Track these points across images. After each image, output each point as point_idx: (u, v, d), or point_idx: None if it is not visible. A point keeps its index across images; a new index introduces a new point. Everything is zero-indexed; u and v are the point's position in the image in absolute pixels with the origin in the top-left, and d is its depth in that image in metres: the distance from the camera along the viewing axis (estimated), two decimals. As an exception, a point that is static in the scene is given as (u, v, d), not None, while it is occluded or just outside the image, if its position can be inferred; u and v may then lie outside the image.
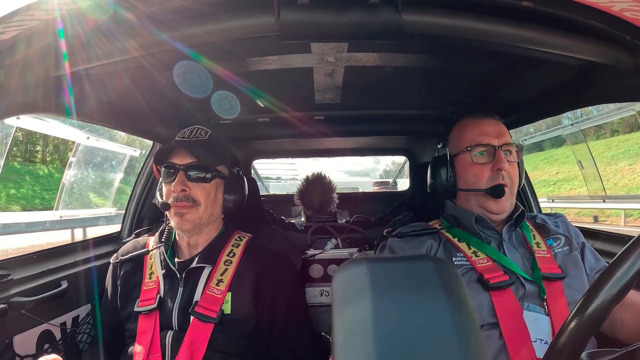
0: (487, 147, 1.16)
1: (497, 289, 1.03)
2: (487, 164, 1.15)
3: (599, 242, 1.50)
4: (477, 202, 1.18)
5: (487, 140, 1.16)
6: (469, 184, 1.18)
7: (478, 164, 1.16)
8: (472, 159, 1.17)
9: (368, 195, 3.63)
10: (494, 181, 1.14)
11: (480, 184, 1.15)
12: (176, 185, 1.21)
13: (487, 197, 1.15)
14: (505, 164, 1.13)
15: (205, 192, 1.24)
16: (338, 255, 1.92)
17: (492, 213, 1.16)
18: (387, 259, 0.34)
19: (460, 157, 1.20)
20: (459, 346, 0.27)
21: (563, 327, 0.58)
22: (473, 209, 1.19)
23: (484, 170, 1.15)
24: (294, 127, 1.99)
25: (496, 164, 1.14)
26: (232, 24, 0.81)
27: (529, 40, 0.87)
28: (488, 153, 1.16)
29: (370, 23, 0.77)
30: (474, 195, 1.18)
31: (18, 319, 1.20)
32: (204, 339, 1.15)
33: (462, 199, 1.23)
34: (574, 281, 1.07)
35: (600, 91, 1.16)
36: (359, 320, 0.29)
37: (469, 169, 1.17)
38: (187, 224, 1.22)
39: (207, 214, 1.25)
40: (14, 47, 0.79)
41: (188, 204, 1.22)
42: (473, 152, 1.17)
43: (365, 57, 1.28)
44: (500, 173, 1.13)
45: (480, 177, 1.15)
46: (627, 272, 0.56)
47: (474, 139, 1.18)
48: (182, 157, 1.24)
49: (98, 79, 1.15)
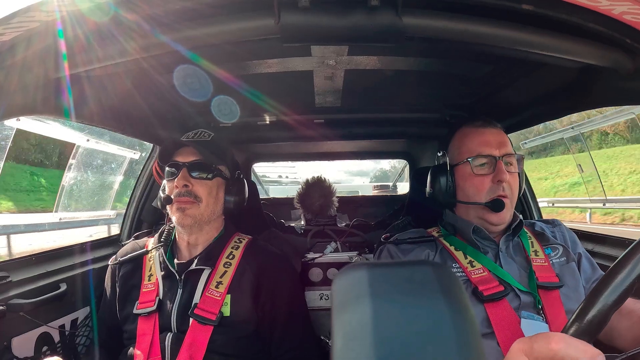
0: (488, 158, 1.14)
1: (491, 301, 1.02)
2: (488, 175, 1.14)
3: (599, 246, 1.50)
4: (476, 214, 1.17)
5: (488, 151, 1.14)
6: (469, 196, 1.16)
7: (478, 175, 1.14)
8: (472, 170, 1.15)
9: (368, 199, 3.63)
10: (493, 193, 1.12)
11: (480, 196, 1.14)
12: (179, 180, 1.24)
13: (486, 210, 1.13)
14: (506, 175, 1.11)
15: (207, 189, 1.27)
16: (338, 259, 1.91)
17: (491, 224, 1.15)
18: (387, 263, 0.34)
19: (461, 167, 1.18)
20: (459, 350, 0.27)
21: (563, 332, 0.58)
22: (472, 220, 1.18)
23: (484, 181, 1.14)
24: (294, 130, 1.99)
25: (497, 176, 1.12)
26: (232, 27, 0.81)
27: (528, 43, 0.88)
28: (489, 164, 1.14)
29: (370, 26, 0.77)
30: (473, 207, 1.17)
31: (16, 321, 1.20)
32: (203, 341, 1.15)
33: (462, 210, 1.22)
34: (571, 291, 1.07)
35: (600, 94, 1.15)
36: (358, 324, 0.29)
37: (469, 180, 1.16)
38: (188, 219, 1.23)
39: (209, 211, 1.27)
40: (13, 48, 0.79)
41: (190, 200, 1.24)
42: (474, 163, 1.15)
43: (365, 60, 1.28)
44: (501, 185, 1.12)
45: (480, 189, 1.14)
46: (627, 277, 0.55)
47: (474, 149, 1.15)
48: (186, 155, 1.28)
49: (98, 81, 1.15)
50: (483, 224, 1.16)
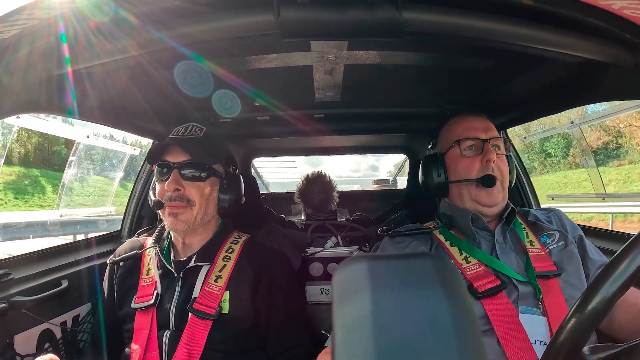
0: (475, 140, 1.19)
1: (487, 296, 1.03)
2: (477, 157, 1.18)
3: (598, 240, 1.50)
4: (469, 195, 1.18)
5: (474, 134, 1.19)
6: (460, 175, 1.20)
7: (467, 157, 1.19)
8: (461, 152, 1.19)
9: (368, 194, 3.63)
10: (484, 172, 1.16)
11: (470, 174, 1.18)
12: (170, 184, 1.18)
13: (479, 188, 1.16)
14: (493, 155, 1.16)
15: (200, 191, 1.22)
16: (338, 254, 1.92)
17: (484, 206, 1.17)
18: (386, 256, 0.35)
19: (450, 153, 1.23)
20: (458, 342, 0.28)
21: (563, 324, 0.58)
22: (466, 203, 1.20)
23: (474, 162, 1.18)
24: (294, 125, 1.99)
25: (485, 156, 1.16)
26: (232, 22, 0.81)
27: (528, 38, 0.88)
28: (476, 147, 1.19)
29: (370, 21, 0.77)
30: (466, 187, 1.19)
31: (18, 318, 1.20)
32: (202, 336, 1.14)
33: (455, 194, 1.24)
34: (571, 277, 1.07)
35: (600, 89, 1.16)
36: (358, 316, 0.29)
37: (459, 161, 1.20)
38: (181, 225, 1.20)
39: (201, 213, 1.23)
40: (15, 45, 0.79)
41: (182, 204, 1.19)
42: (462, 146, 1.19)
43: (365, 55, 1.28)
44: (490, 165, 1.15)
45: (470, 169, 1.18)
46: (628, 267, 0.56)
47: (462, 134, 1.21)
48: (177, 155, 1.21)
49: (99, 78, 1.15)
50: (477, 208, 1.18)
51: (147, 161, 1.24)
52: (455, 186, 1.22)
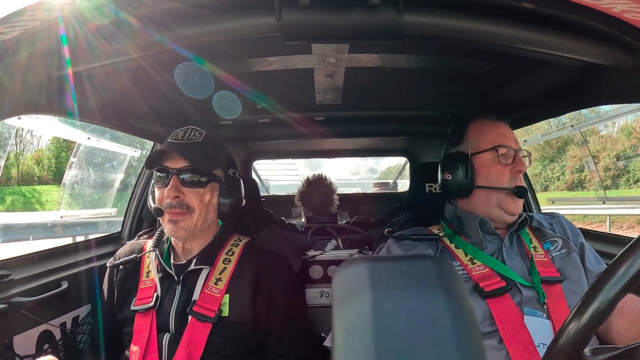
0: (508, 149, 1.19)
1: (493, 296, 1.03)
2: (508, 166, 1.18)
3: (599, 244, 1.50)
4: (497, 202, 1.18)
5: (508, 143, 1.20)
6: (492, 181, 1.19)
7: (501, 164, 1.18)
8: (498, 158, 1.19)
9: (368, 196, 3.63)
10: (513, 183, 1.17)
11: (502, 182, 1.17)
12: (169, 191, 1.17)
13: (509, 196, 1.16)
14: (525, 167, 1.18)
15: (200, 197, 1.21)
16: (338, 257, 1.92)
17: (509, 214, 1.17)
18: (387, 258, 0.35)
19: (483, 156, 1.21)
20: (458, 344, 0.27)
21: (564, 325, 0.58)
22: (491, 209, 1.19)
23: (505, 170, 1.18)
24: (295, 127, 1.99)
25: (516, 167, 1.17)
26: (233, 25, 0.81)
27: (529, 41, 0.88)
28: (508, 156, 1.19)
29: (371, 24, 0.77)
30: (495, 194, 1.18)
31: (18, 319, 1.20)
32: (201, 339, 1.14)
33: (480, 198, 1.21)
34: (574, 285, 1.07)
35: (600, 92, 1.16)
36: (358, 318, 0.29)
37: (493, 167, 1.19)
38: (181, 232, 1.19)
39: (202, 220, 1.22)
40: (16, 47, 0.79)
41: (182, 211, 1.18)
42: (499, 152, 1.19)
43: (365, 58, 1.28)
44: (519, 176, 1.17)
45: (502, 176, 1.18)
46: (628, 271, 0.56)
47: (497, 140, 1.20)
48: (176, 160, 1.20)
49: (99, 80, 1.15)
50: (500, 215, 1.18)
51: (146, 167, 1.23)
52: (483, 191, 1.20)
